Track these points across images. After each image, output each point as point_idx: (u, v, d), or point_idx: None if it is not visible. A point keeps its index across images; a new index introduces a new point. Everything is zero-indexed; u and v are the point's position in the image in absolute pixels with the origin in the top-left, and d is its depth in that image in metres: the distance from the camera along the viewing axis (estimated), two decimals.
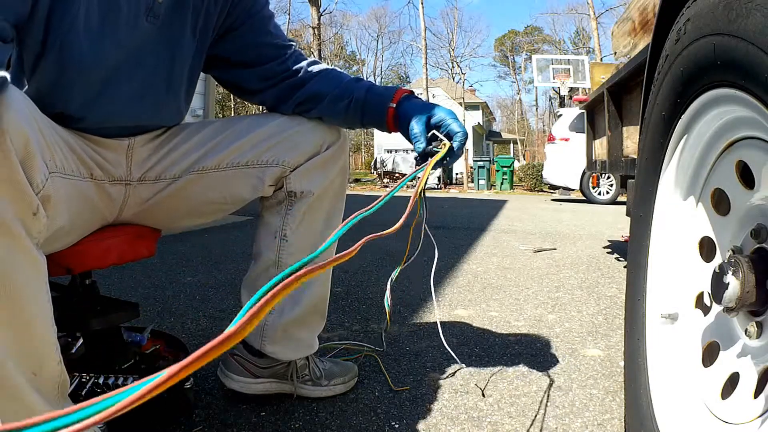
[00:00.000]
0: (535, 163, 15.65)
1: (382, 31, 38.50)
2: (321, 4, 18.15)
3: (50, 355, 0.62)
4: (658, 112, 0.84)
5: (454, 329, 1.71)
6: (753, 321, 0.64)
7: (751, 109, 0.63)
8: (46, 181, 0.59)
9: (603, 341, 1.61)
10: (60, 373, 0.63)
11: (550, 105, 26.77)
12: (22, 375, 0.57)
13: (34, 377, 0.59)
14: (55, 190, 0.62)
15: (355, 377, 1.26)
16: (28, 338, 0.58)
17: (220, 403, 1.15)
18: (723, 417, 0.68)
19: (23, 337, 0.57)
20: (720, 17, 0.60)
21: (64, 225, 0.73)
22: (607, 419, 1.12)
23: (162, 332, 1.28)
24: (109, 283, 2.23)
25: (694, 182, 0.81)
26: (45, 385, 0.61)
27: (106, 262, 0.90)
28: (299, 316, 1.13)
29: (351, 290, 2.21)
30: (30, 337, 0.58)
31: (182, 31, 0.94)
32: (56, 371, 0.63)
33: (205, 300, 2.01)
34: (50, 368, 0.61)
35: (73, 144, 0.81)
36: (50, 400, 0.62)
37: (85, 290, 1.02)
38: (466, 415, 1.13)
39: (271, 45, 1.08)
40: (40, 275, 0.59)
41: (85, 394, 0.94)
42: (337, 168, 1.12)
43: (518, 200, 9.55)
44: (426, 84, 20.93)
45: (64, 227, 0.73)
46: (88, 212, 0.84)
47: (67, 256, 0.82)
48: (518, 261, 3.00)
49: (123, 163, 0.95)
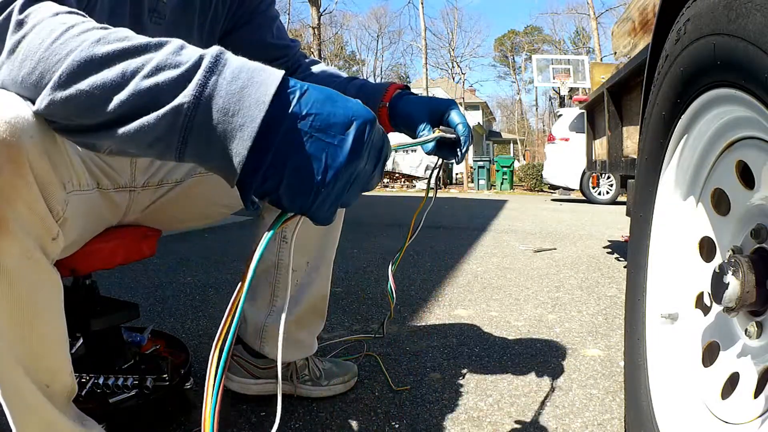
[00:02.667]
0: (535, 163, 15.65)
1: (382, 31, 38.52)
2: (321, 4, 18.15)
3: (64, 368, 0.63)
4: (658, 112, 0.84)
5: (454, 329, 1.71)
6: (753, 321, 0.64)
7: (751, 109, 0.63)
8: (66, 206, 0.59)
9: (603, 341, 1.61)
10: (71, 383, 0.65)
11: (550, 105, 26.78)
12: (37, 388, 0.58)
13: (47, 389, 0.60)
14: (71, 210, 0.62)
15: (355, 377, 1.26)
16: (44, 354, 0.59)
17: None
18: (723, 417, 0.68)
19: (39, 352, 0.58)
20: (720, 17, 0.60)
21: (77, 237, 0.73)
22: (607, 419, 1.12)
23: (162, 332, 1.28)
24: (109, 283, 2.23)
25: (694, 182, 0.81)
26: (57, 396, 0.62)
27: (113, 263, 0.91)
28: (299, 316, 1.13)
29: (351, 290, 2.21)
30: (46, 353, 0.59)
31: (189, 32, 0.93)
32: (68, 382, 0.64)
33: (205, 300, 2.01)
34: (63, 380, 0.63)
35: (82, 154, 0.81)
36: (61, 407, 0.63)
37: (85, 290, 1.02)
38: (466, 415, 1.13)
39: (273, 45, 1.06)
40: (57, 293, 0.60)
41: (85, 395, 0.94)
42: None
43: (518, 200, 9.54)
44: (426, 84, 20.94)
45: (77, 239, 0.73)
46: (95, 221, 0.84)
47: (72, 258, 0.82)
48: (518, 261, 3.00)
49: (127, 170, 0.95)
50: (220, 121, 0.45)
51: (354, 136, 0.47)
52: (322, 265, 1.14)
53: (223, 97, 0.45)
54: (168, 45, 0.48)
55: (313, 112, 0.47)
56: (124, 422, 0.94)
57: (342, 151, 0.47)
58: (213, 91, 0.45)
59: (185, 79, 0.45)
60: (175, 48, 0.47)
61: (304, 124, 0.47)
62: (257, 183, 0.47)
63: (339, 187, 0.48)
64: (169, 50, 0.47)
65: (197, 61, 0.46)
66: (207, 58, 0.47)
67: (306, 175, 0.46)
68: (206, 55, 0.47)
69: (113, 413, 0.93)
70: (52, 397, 0.61)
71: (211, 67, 0.46)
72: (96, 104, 0.45)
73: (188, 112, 0.45)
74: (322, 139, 0.47)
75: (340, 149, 0.47)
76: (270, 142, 0.46)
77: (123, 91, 0.45)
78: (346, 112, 0.48)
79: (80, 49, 0.46)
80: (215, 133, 0.46)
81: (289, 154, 0.46)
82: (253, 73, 0.47)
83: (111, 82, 0.45)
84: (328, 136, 0.47)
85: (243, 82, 0.46)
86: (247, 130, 0.45)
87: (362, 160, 0.49)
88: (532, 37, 39.52)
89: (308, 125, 0.47)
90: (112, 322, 1.01)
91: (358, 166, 0.49)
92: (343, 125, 0.47)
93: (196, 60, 0.46)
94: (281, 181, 0.47)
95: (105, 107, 0.45)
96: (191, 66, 0.46)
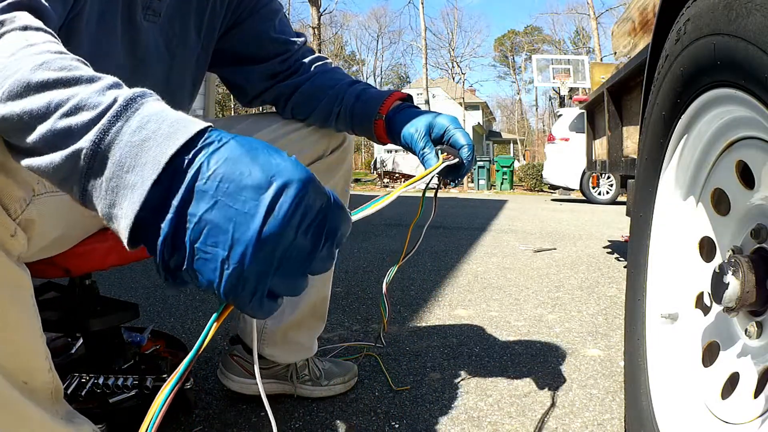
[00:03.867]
0: (535, 163, 15.65)
1: (382, 31, 38.55)
2: (321, 4, 18.15)
3: (40, 364, 0.62)
4: (658, 112, 0.84)
5: (454, 329, 1.71)
6: (753, 321, 0.64)
7: (751, 109, 0.63)
8: (27, 206, 0.59)
9: (603, 341, 1.61)
10: (52, 380, 0.63)
11: (550, 105, 26.78)
12: (13, 386, 0.57)
13: (26, 385, 0.59)
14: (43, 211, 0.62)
15: (355, 377, 1.26)
16: (15, 351, 0.58)
17: (220, 403, 1.15)
18: (723, 417, 0.68)
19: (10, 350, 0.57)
20: (720, 17, 0.60)
21: (59, 236, 0.72)
22: (607, 419, 1.12)
23: (162, 332, 1.28)
24: (109, 283, 2.23)
25: (694, 182, 0.81)
26: (38, 393, 0.61)
27: (106, 264, 0.90)
28: (299, 318, 1.12)
29: (351, 290, 2.21)
30: (17, 351, 0.58)
31: (185, 31, 0.91)
32: (48, 378, 0.63)
33: (205, 300, 2.01)
34: (41, 377, 0.62)
35: None
36: (45, 406, 0.62)
37: (85, 290, 1.02)
38: (466, 415, 1.13)
39: (275, 40, 1.02)
40: (24, 289, 0.59)
41: (85, 395, 0.94)
42: (341, 172, 1.10)
43: (518, 200, 9.55)
44: (426, 84, 20.94)
45: (58, 237, 0.73)
46: (84, 221, 0.83)
47: (67, 258, 0.82)
48: (518, 261, 3.00)
49: None
50: (115, 175, 0.40)
51: (269, 201, 0.38)
52: None
53: (121, 149, 0.40)
54: (98, 82, 0.44)
55: (221, 172, 0.38)
56: (124, 422, 0.94)
57: (253, 221, 0.37)
58: (114, 139, 0.40)
59: (93, 123, 0.41)
60: (102, 87, 0.43)
61: (210, 186, 0.38)
62: (166, 254, 0.39)
63: (256, 267, 0.38)
64: (96, 88, 0.43)
65: (110, 104, 0.41)
66: (119, 100, 0.41)
67: (209, 250, 0.38)
68: (120, 97, 0.41)
69: (113, 413, 0.93)
70: (31, 394, 0.60)
71: (119, 112, 0.41)
72: (23, 129, 0.44)
73: (86, 160, 0.40)
74: (231, 206, 0.38)
75: (250, 218, 0.38)
76: (167, 207, 0.39)
77: (44, 122, 0.43)
78: (265, 171, 0.39)
79: (23, 71, 0.44)
80: (110, 188, 0.40)
81: (189, 223, 0.39)
82: (163, 123, 0.40)
83: (37, 111, 0.43)
84: (237, 201, 0.38)
85: (147, 134, 0.40)
86: (137, 192, 0.39)
87: (287, 232, 0.38)
88: (532, 37, 39.55)
89: (214, 188, 0.38)
90: (112, 322, 1.01)
91: (282, 241, 0.39)
92: (257, 188, 0.38)
93: (110, 102, 0.41)
94: (184, 255, 0.39)
95: (28, 135, 0.43)
96: (104, 109, 0.41)
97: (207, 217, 0.38)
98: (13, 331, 0.57)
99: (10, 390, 0.57)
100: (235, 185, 0.38)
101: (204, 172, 0.39)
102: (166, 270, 0.40)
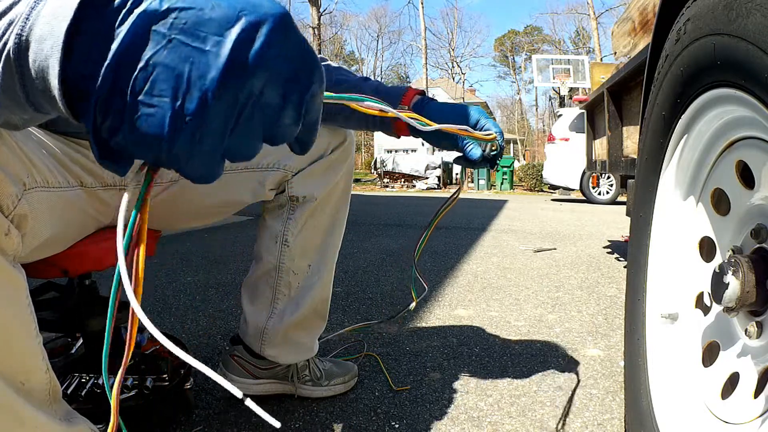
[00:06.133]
0: (535, 163, 15.64)
1: (382, 31, 38.52)
2: (321, 4, 18.15)
3: (36, 365, 0.61)
4: (658, 112, 0.84)
5: (454, 329, 1.71)
6: (753, 321, 0.64)
7: (751, 109, 0.63)
8: (18, 202, 0.58)
9: (603, 341, 1.61)
10: (49, 380, 0.63)
11: (550, 105, 26.77)
12: (9, 387, 0.57)
13: (23, 386, 0.59)
14: (35, 206, 0.61)
15: (355, 377, 1.26)
16: (11, 352, 0.58)
17: (220, 403, 1.15)
18: (723, 417, 0.68)
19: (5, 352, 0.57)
20: (720, 17, 0.60)
21: (53, 235, 0.72)
22: (607, 419, 1.12)
23: (162, 332, 1.28)
24: (109, 283, 2.22)
25: (694, 182, 0.81)
26: (35, 394, 0.61)
27: (103, 265, 0.90)
28: (299, 319, 1.12)
29: (351, 290, 2.21)
30: (11, 352, 0.58)
31: None
32: (44, 379, 0.62)
33: (205, 300, 2.01)
34: (38, 377, 0.61)
35: (58, 153, 0.78)
36: (42, 406, 0.62)
37: (85, 291, 1.02)
38: (466, 415, 1.13)
39: None
40: (19, 289, 0.59)
41: (85, 395, 0.94)
42: (342, 171, 1.10)
43: (518, 200, 9.54)
44: (426, 84, 20.94)
45: (53, 236, 0.72)
46: (79, 220, 0.82)
47: (64, 259, 0.81)
48: (518, 261, 3.00)
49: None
50: (38, 51, 0.31)
51: (237, 37, 0.31)
52: (323, 269, 1.14)
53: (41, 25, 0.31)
54: None
55: (178, 7, 0.30)
56: (124, 422, 0.93)
57: (216, 61, 0.30)
58: (36, 19, 0.32)
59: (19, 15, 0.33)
60: None
61: (163, 25, 0.30)
62: (98, 117, 0.31)
63: (215, 118, 0.31)
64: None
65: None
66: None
67: (154, 102, 0.30)
68: None
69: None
70: (29, 395, 0.60)
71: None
72: None
73: (15, 51, 0.32)
74: (187, 44, 0.30)
75: (213, 57, 0.30)
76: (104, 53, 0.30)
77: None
78: (233, 3, 0.31)
79: None
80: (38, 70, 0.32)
81: (129, 73, 0.30)
82: None
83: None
84: (196, 38, 0.30)
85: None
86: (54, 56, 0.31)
87: (255, 78, 0.32)
88: (532, 37, 39.53)
89: (168, 26, 0.30)
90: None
91: (249, 88, 0.32)
92: (223, 22, 0.31)
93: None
94: (123, 115, 0.31)
95: None
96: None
97: (156, 60, 0.30)
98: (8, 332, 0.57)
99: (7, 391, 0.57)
100: (194, 20, 0.30)
101: (154, 10, 0.30)
102: (98, 142, 0.32)
